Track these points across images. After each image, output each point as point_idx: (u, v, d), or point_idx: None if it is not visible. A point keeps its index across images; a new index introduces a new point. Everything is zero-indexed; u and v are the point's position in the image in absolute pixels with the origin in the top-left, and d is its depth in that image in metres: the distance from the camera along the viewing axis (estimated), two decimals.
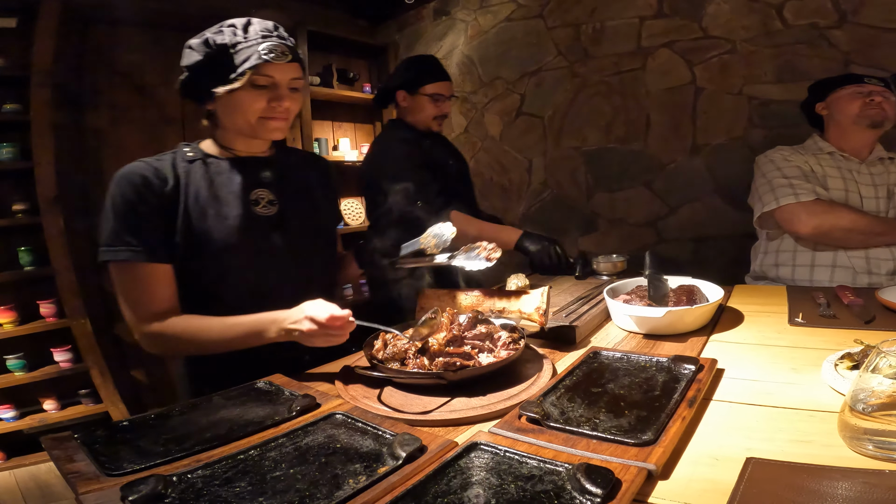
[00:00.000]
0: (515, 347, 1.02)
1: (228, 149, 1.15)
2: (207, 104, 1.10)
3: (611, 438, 0.69)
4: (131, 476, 0.67)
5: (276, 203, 1.16)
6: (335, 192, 1.38)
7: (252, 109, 1.07)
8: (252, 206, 1.13)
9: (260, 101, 1.06)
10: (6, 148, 2.44)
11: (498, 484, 0.62)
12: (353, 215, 3.73)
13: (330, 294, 1.24)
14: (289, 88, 1.09)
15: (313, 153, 1.33)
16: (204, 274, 1.09)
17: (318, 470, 0.68)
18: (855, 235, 1.61)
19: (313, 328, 0.95)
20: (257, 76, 1.03)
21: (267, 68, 1.03)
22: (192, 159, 1.11)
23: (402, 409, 0.88)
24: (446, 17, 3.57)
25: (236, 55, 1.02)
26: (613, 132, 2.96)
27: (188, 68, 1.06)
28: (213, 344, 1.05)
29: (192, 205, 1.07)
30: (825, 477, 0.59)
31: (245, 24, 1.04)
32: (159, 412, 0.88)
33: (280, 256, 1.15)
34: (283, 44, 1.05)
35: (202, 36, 1.05)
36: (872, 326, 1.11)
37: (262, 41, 1.02)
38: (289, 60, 1.05)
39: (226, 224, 1.08)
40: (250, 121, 1.08)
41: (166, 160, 1.09)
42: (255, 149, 1.18)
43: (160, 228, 1.04)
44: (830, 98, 1.76)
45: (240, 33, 1.03)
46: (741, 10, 2.49)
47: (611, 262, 1.79)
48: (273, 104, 1.07)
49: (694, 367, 0.89)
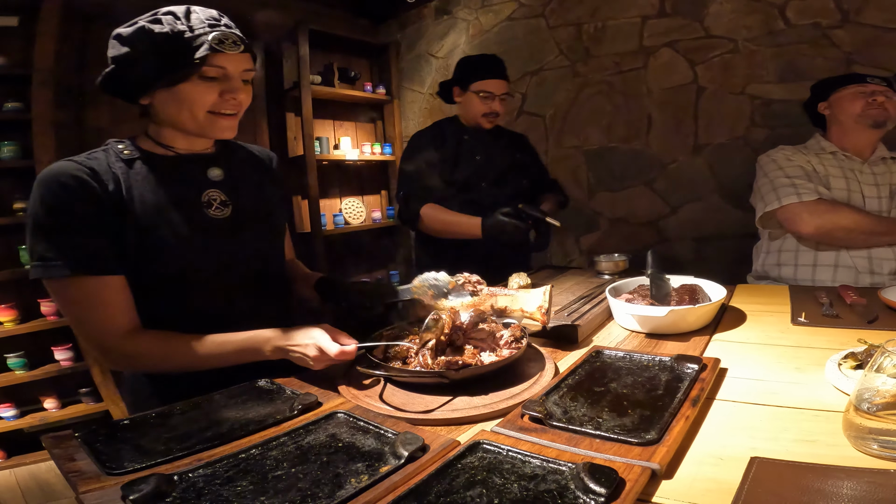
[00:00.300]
0: (517, 346, 1.01)
1: (168, 147, 1.05)
2: (142, 99, 1.00)
3: (614, 438, 0.69)
4: (132, 475, 0.67)
5: (228, 204, 1.08)
6: (283, 188, 1.29)
7: (201, 103, 0.97)
8: (205, 208, 1.05)
9: (210, 93, 0.98)
10: (7, 146, 2.44)
11: (501, 483, 0.62)
12: (354, 214, 3.73)
13: (285, 296, 1.24)
14: (241, 80, 1.01)
15: (261, 147, 1.26)
16: (158, 283, 1.00)
17: (320, 469, 0.67)
18: (857, 235, 1.61)
19: (318, 356, 0.93)
20: (208, 67, 0.94)
21: (219, 58, 0.95)
22: (131, 158, 1.00)
23: (404, 408, 0.87)
24: (448, 16, 3.57)
25: (181, 45, 0.93)
26: (615, 131, 2.95)
27: (119, 60, 0.95)
28: (200, 362, 0.97)
29: (139, 210, 0.97)
30: (830, 476, 0.59)
31: (186, 11, 0.96)
32: (160, 411, 0.88)
33: (236, 260, 1.08)
34: (233, 33, 0.97)
35: (134, 24, 0.95)
36: (875, 326, 1.11)
37: (211, 30, 0.94)
38: (241, 51, 0.97)
39: (179, 230, 1.00)
40: (198, 116, 0.99)
41: (100, 159, 0.98)
42: (197, 146, 1.09)
43: (104, 236, 0.94)
44: (833, 98, 1.76)
45: (182, 21, 0.94)
46: (743, 9, 2.49)
47: (613, 262, 1.79)
48: (226, 96, 0.99)
49: (697, 367, 0.89)
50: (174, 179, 1.03)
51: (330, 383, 1.01)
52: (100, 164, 0.96)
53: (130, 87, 0.99)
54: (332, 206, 3.66)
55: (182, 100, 0.97)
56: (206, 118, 1.00)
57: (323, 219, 3.40)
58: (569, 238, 3.20)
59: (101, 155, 0.99)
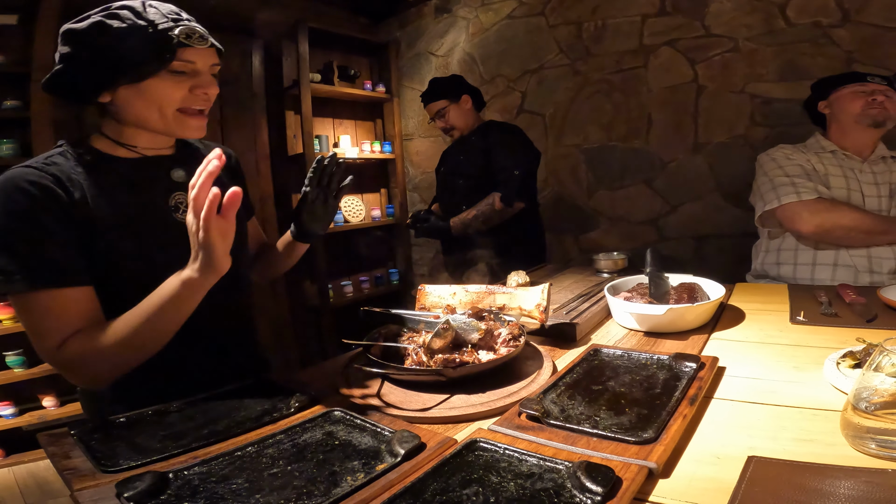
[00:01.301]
0: (515, 344, 1.01)
1: (130, 147, 1.00)
2: (102, 97, 0.94)
3: (611, 436, 0.69)
4: (127, 472, 0.67)
5: None
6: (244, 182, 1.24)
7: (170, 99, 0.94)
8: (172, 212, 1.01)
9: (180, 89, 0.94)
10: (6, 144, 2.44)
11: (497, 482, 0.61)
12: (354, 212, 3.73)
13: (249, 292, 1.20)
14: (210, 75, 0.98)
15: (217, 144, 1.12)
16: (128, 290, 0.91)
17: (316, 467, 0.67)
18: (857, 234, 1.60)
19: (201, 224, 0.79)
20: (178, 62, 0.91)
21: (187, 53, 0.91)
22: (91, 161, 0.95)
23: (401, 406, 0.87)
24: (448, 14, 3.57)
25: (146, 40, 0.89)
26: (615, 130, 2.95)
27: (73, 57, 0.91)
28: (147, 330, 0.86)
29: (107, 217, 0.92)
30: (828, 476, 0.58)
31: (142, 4, 0.92)
32: (156, 409, 0.88)
33: None
34: (198, 26, 0.94)
35: (87, 19, 0.90)
36: (874, 325, 1.11)
37: (175, 25, 0.91)
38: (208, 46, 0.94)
39: (149, 236, 0.96)
40: (166, 113, 0.95)
41: (61, 164, 0.92)
42: (160, 145, 1.04)
43: (69, 247, 0.88)
44: (833, 97, 1.75)
45: (143, 15, 0.90)
46: (744, 8, 2.48)
47: (611, 260, 1.79)
48: (196, 91, 0.96)
49: (695, 365, 0.89)
50: (140, 183, 0.99)
51: (327, 381, 1.01)
52: (61, 170, 0.91)
53: (87, 86, 0.93)
54: None
55: (149, 97, 0.92)
56: (175, 116, 0.96)
57: None
58: (568, 236, 3.20)
59: (60, 159, 0.93)
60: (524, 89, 3.24)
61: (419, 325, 1.11)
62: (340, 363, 1.09)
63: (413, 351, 0.98)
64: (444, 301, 1.25)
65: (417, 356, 0.95)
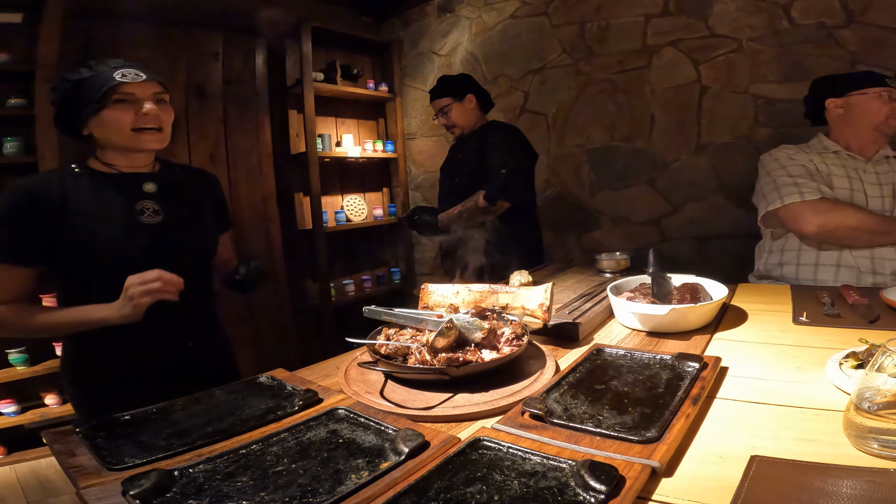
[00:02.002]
0: (518, 344, 1.01)
1: (111, 166, 1.24)
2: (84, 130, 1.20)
3: (614, 435, 0.69)
4: (133, 470, 0.67)
5: (160, 213, 1.24)
6: (222, 202, 1.48)
7: (122, 123, 1.16)
8: (138, 215, 1.21)
9: (127, 114, 1.17)
10: (11, 142, 2.44)
11: (501, 480, 0.62)
12: (356, 211, 3.73)
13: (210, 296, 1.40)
14: (154, 101, 1.20)
15: (200, 169, 1.47)
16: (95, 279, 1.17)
17: (321, 465, 0.67)
18: (860, 234, 1.60)
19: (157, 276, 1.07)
20: (118, 95, 1.15)
21: (125, 87, 1.15)
22: (79, 175, 1.20)
23: (405, 404, 0.87)
24: (451, 14, 3.57)
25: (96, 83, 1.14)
26: (617, 130, 2.95)
27: (56, 104, 1.19)
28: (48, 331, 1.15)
29: (80, 214, 1.15)
30: (830, 475, 0.58)
31: (97, 62, 1.18)
32: (161, 406, 0.88)
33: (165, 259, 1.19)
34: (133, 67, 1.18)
35: (61, 78, 1.20)
36: (877, 326, 1.11)
37: (114, 69, 1.15)
38: (143, 80, 1.17)
39: (113, 231, 1.17)
40: (125, 133, 1.18)
41: (53, 176, 1.19)
42: (138, 163, 1.26)
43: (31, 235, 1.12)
44: (851, 98, 1.70)
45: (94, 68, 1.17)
46: (748, 8, 2.47)
47: (614, 260, 1.79)
48: (141, 115, 1.18)
49: (698, 365, 0.89)
50: (113, 191, 1.21)
51: (331, 380, 1.02)
52: (51, 179, 1.18)
53: (74, 123, 1.20)
54: (333, 204, 3.66)
55: (108, 124, 1.17)
56: (131, 135, 1.18)
57: (325, 216, 3.40)
58: (570, 236, 3.20)
59: (57, 173, 1.21)
60: (527, 89, 3.24)
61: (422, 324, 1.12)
62: (343, 362, 1.10)
63: (417, 350, 0.98)
64: (447, 300, 1.25)
65: (421, 355, 0.95)
